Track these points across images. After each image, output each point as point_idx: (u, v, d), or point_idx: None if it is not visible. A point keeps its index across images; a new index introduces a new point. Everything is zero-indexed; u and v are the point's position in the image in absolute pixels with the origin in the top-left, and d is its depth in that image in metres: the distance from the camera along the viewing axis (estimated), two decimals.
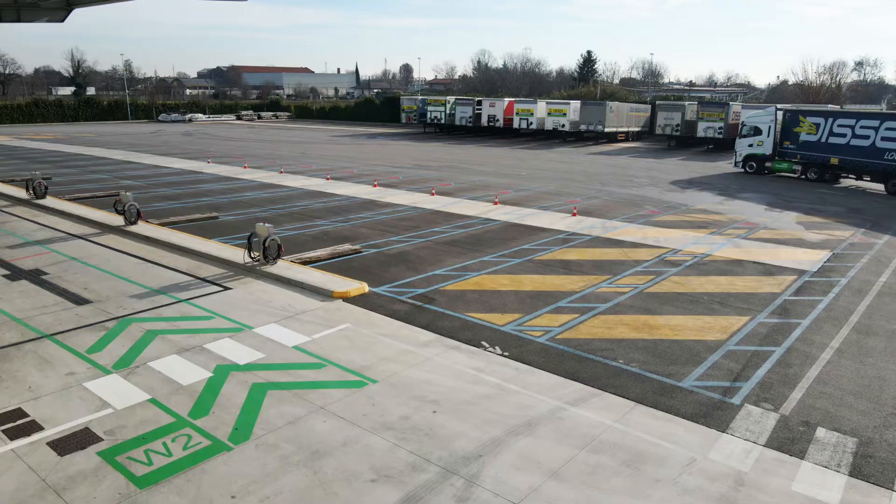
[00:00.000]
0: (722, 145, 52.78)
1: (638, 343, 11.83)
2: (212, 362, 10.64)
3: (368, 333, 12.02)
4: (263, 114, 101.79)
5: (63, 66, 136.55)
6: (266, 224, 15.73)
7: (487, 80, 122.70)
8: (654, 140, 63.18)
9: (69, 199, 24.60)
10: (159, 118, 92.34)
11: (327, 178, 32.45)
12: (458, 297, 14.18)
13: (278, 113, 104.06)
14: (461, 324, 12.60)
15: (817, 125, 35.34)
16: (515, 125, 63.83)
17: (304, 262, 16.24)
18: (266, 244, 15.59)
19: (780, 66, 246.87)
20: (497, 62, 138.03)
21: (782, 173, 37.82)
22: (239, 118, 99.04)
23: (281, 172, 34.73)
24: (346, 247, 17.97)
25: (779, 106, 41.10)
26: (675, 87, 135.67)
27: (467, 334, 12.06)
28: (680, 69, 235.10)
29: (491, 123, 65.51)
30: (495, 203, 25.89)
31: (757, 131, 38.24)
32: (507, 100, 67.96)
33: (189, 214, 22.35)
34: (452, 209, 24.57)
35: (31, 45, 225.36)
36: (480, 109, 66.42)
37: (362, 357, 10.97)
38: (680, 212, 25.16)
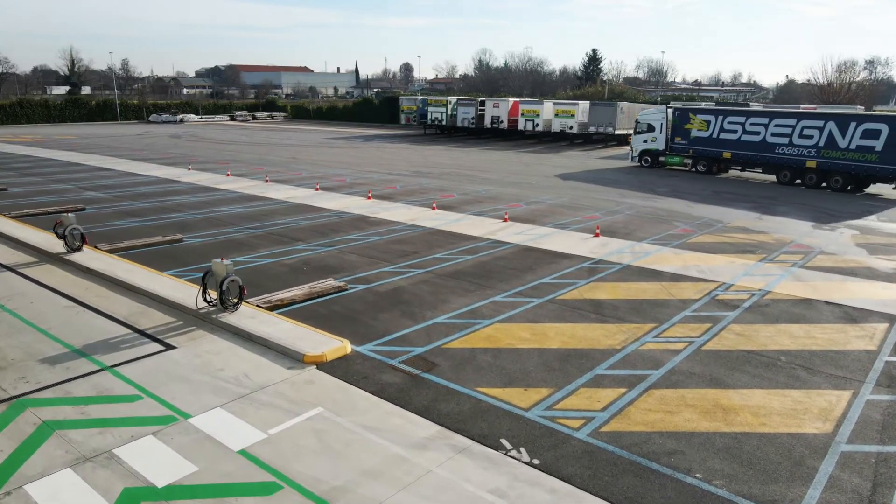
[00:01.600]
0: None
1: (714, 440, 8.64)
2: (118, 483, 7.46)
3: (346, 426, 8.83)
4: (258, 114, 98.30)
5: (59, 65, 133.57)
6: (224, 261, 12.51)
7: (489, 80, 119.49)
8: None
9: (14, 217, 21.36)
10: (149, 119, 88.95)
11: (316, 189, 29.23)
12: (467, 359, 10.99)
13: (274, 113, 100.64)
14: (472, 406, 9.41)
15: (708, 122, 36.68)
16: (520, 127, 60.49)
17: (273, 307, 13.04)
18: (224, 286, 12.39)
19: (782, 66, 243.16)
20: (498, 61, 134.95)
21: (674, 167, 39.64)
22: (233, 119, 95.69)
23: (266, 181, 31.49)
24: (329, 283, 14.78)
25: (669, 105, 42.56)
26: (681, 86, 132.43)
27: (481, 426, 8.88)
28: (685, 69, 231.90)
29: (494, 125, 62.23)
30: (504, 220, 22.68)
31: (650, 128, 39.94)
32: (511, 100, 64.68)
33: (149, 236, 19.14)
34: (456, 228, 21.38)
35: (31, 45, 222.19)
36: (483, 110, 63.07)
37: (335, 470, 7.79)
38: (716, 231, 21.94)
